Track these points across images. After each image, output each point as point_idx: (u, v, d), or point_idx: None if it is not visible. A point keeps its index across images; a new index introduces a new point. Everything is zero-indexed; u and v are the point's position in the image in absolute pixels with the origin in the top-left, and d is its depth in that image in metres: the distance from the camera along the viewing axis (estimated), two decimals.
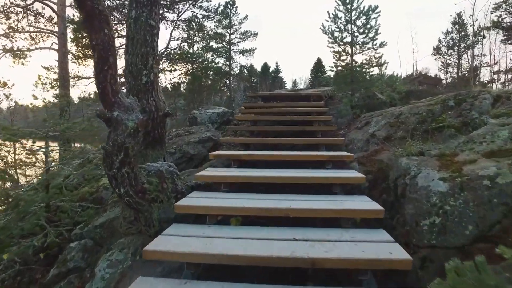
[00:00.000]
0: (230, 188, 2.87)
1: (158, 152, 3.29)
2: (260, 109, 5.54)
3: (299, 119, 4.89)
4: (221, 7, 15.19)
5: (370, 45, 6.53)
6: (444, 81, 20.20)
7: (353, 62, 6.56)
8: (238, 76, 20.07)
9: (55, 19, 9.69)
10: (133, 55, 3.02)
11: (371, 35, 6.53)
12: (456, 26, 21.25)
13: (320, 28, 6.61)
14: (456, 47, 21.69)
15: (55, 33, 9.57)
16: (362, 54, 6.69)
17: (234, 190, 2.86)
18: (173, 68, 13.12)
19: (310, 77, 64.92)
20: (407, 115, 4.33)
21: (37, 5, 10.16)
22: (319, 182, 2.76)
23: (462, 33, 20.76)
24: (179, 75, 13.80)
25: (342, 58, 6.52)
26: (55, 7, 10.05)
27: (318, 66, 64.20)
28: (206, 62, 13.10)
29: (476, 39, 19.51)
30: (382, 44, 6.50)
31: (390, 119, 4.44)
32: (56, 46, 9.21)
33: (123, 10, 11.70)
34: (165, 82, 13.79)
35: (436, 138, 3.75)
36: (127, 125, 2.61)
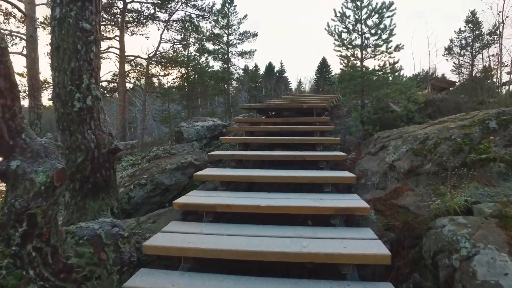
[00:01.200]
0: (193, 264, 1.99)
1: (102, 201, 2.42)
2: (253, 128, 4.65)
3: (299, 142, 3.98)
4: (218, 6, 14.25)
5: (383, 48, 5.59)
6: (457, 83, 19.03)
7: (364, 68, 5.62)
8: (238, 80, 19.12)
9: None
10: (60, 72, 2.15)
11: (384, 36, 5.59)
12: (470, 25, 20.06)
13: (325, 29, 5.69)
14: (469, 47, 20.49)
15: (23, 36, 8.70)
16: (375, 59, 5.75)
17: (198, 268, 1.98)
18: (166, 72, 12.29)
19: (315, 77, 64.03)
20: (435, 140, 3.39)
21: (6, 4, 9.14)
22: (322, 261, 1.86)
23: (476, 32, 19.56)
24: (174, 79, 12.97)
25: (351, 63, 5.58)
26: (22, 6, 8.83)
27: (323, 66, 63.35)
28: (200, 66, 12.17)
29: (492, 38, 18.35)
30: (398, 47, 5.55)
31: (413, 145, 3.51)
32: (25, 51, 8.35)
33: (110, 10, 10.79)
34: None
35: (479, 176, 2.80)
36: (34, 181, 1.74)
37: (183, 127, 6.21)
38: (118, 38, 11.37)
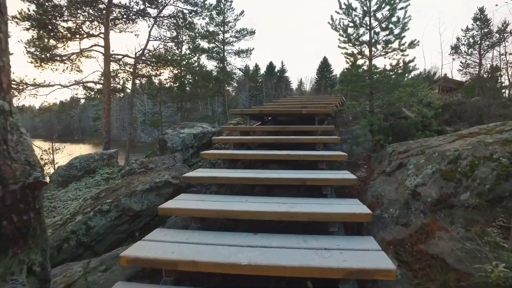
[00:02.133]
0: None
1: (13, 259, 1.68)
2: (244, 139, 3.93)
3: (299, 159, 3.26)
4: (212, 1, 13.40)
5: (396, 45, 4.86)
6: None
7: (373, 68, 4.89)
8: (235, 80, 18.29)
9: None
10: None
11: (397, 31, 4.86)
12: (478, 23, 19.26)
13: (328, 23, 4.96)
14: (477, 46, 19.71)
15: None
16: (385, 57, 5.02)
17: None
18: (158, 72, 11.50)
19: (316, 77, 63.53)
20: (471, 160, 2.65)
21: None
22: None
23: (485, 30, 18.77)
24: (166, 79, 12.20)
25: (358, 62, 4.85)
26: None
27: (324, 66, 62.75)
28: (193, 66, 11.35)
29: (502, 36, 17.57)
30: (412, 44, 4.81)
31: (441, 165, 2.77)
32: None
33: (96, 5, 9.98)
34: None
35: None
36: None
37: (167, 135, 5.50)
38: (103, 36, 10.61)
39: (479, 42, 19.33)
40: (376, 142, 4.40)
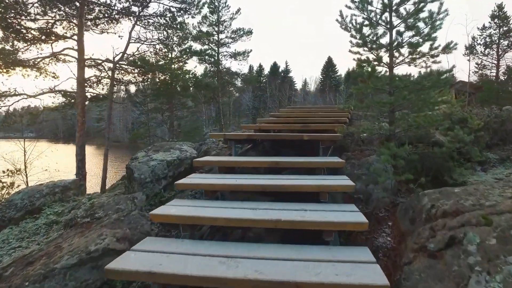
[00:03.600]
0: None
1: None
2: (220, 183, 2.83)
3: (295, 228, 2.15)
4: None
5: (425, 49, 3.72)
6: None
7: (396, 79, 3.77)
8: (233, 85, 17.14)
9: None
10: None
11: (426, 30, 3.73)
12: (496, 20, 17.88)
13: (337, 21, 3.85)
14: (495, 46, 18.34)
15: None
16: (410, 65, 3.88)
17: None
18: (145, 78, 10.39)
19: (321, 77, 62.48)
20: None
21: None
22: None
23: (504, 28, 17.39)
24: (157, 85, 11.04)
25: (376, 72, 3.72)
26: None
27: (329, 66, 61.66)
28: (178, 72, 10.19)
29: None
30: (448, 48, 3.67)
31: None
32: None
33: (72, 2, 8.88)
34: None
35: None
36: None
37: (135, 162, 4.42)
38: (76, 38, 9.46)
39: (497, 41, 17.95)
40: (401, 180, 3.28)
